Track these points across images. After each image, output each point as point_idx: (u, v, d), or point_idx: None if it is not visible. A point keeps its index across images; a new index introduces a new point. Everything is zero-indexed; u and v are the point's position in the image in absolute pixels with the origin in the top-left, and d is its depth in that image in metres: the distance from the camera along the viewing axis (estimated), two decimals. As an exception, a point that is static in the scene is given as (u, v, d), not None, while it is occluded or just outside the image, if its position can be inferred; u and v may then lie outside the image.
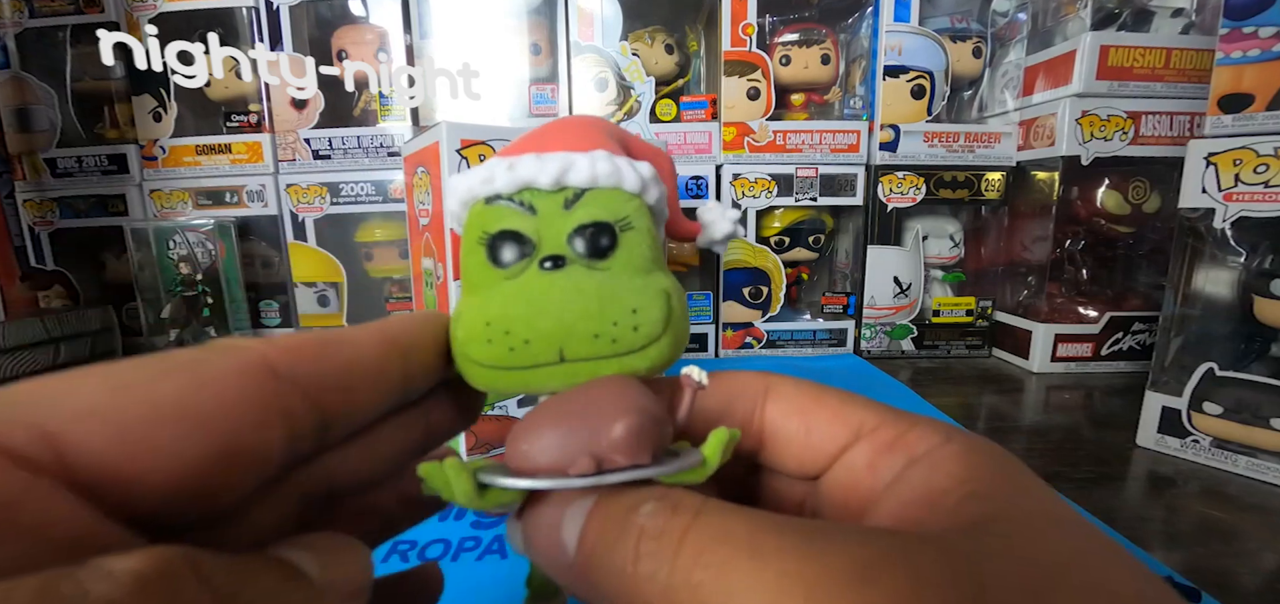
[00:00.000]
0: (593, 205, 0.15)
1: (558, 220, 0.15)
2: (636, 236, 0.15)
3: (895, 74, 0.66)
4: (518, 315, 0.14)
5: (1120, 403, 0.54)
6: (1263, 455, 0.39)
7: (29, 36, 0.68)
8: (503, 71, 0.69)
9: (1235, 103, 0.40)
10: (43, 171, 0.69)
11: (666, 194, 0.17)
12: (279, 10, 0.64)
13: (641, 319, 0.14)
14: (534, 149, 0.16)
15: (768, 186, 0.68)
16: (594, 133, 0.17)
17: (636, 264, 0.15)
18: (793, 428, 0.15)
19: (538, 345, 0.14)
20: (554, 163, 0.15)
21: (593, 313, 0.14)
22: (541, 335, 0.14)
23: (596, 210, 0.15)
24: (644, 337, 0.14)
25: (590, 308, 0.14)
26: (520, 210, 0.15)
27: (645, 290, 0.15)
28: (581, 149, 0.16)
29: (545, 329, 0.14)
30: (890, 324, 0.71)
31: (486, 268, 0.15)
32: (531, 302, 0.14)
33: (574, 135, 0.17)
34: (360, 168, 0.67)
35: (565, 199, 0.15)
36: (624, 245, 0.15)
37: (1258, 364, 0.41)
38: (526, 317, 0.14)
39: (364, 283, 0.71)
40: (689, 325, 0.17)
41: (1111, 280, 0.68)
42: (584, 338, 0.14)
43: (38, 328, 0.57)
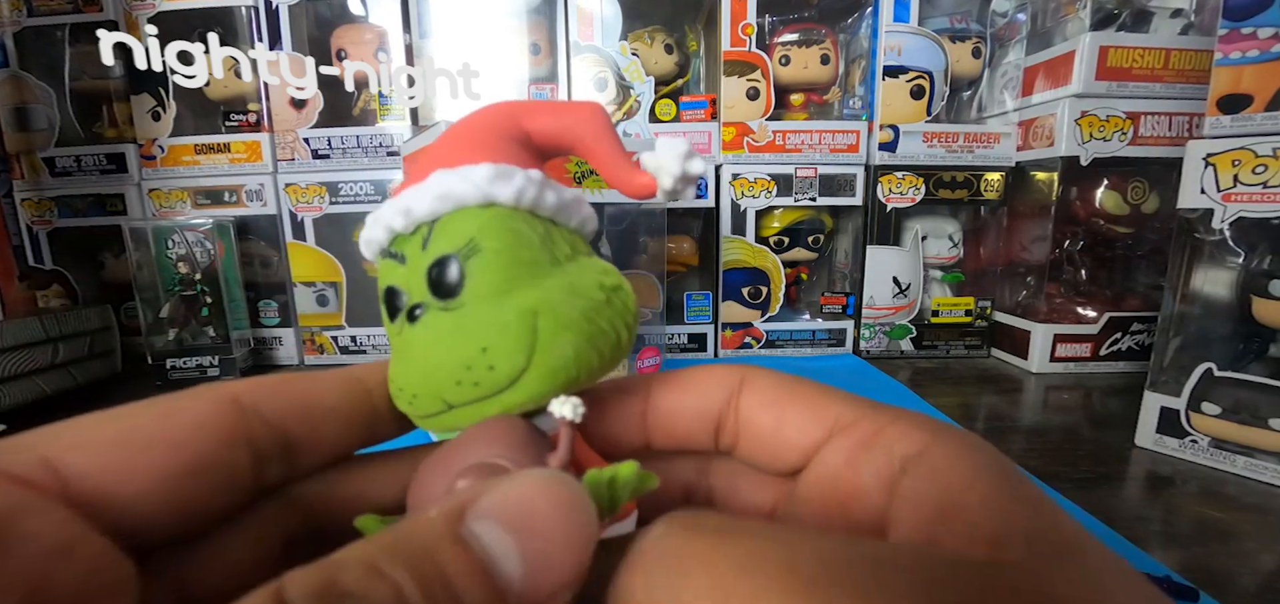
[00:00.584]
0: (441, 238, 0.14)
1: (419, 264, 0.14)
2: (487, 257, 0.14)
3: (895, 74, 0.66)
4: (399, 374, 0.15)
5: (1119, 403, 0.54)
6: (1261, 455, 0.39)
7: (28, 35, 0.68)
8: (502, 71, 0.69)
9: (1234, 103, 0.40)
10: (41, 171, 0.69)
11: (535, 181, 0.15)
12: (278, 10, 0.64)
13: (495, 357, 0.13)
14: (415, 173, 0.15)
15: (767, 186, 0.68)
16: (474, 135, 0.16)
17: (491, 289, 0.14)
18: (766, 422, 0.15)
19: (423, 400, 0.14)
20: (402, 201, 0.14)
21: (447, 360, 0.13)
22: (421, 390, 0.14)
23: (443, 243, 0.14)
24: (502, 376, 0.13)
25: (444, 355, 0.13)
26: (395, 262, 0.15)
27: (499, 322, 0.13)
28: (448, 165, 0.15)
29: (419, 384, 0.14)
30: (889, 324, 0.71)
31: (389, 327, 0.15)
32: (404, 358, 0.14)
33: (450, 147, 0.16)
34: (359, 167, 0.67)
35: (422, 238, 0.14)
36: (472, 274, 0.14)
37: (1256, 364, 0.41)
38: (404, 374, 0.14)
39: (363, 283, 0.71)
40: (591, 329, 0.14)
41: (1110, 281, 0.68)
42: (449, 386, 0.13)
43: (36, 327, 0.57)
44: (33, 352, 0.56)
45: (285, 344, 0.71)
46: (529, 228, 0.15)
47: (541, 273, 0.14)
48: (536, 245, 0.14)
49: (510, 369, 0.13)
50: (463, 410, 0.14)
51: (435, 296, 0.14)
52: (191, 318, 0.64)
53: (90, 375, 0.63)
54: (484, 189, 0.14)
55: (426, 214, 0.14)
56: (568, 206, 0.16)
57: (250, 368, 0.68)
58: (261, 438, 0.13)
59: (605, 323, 0.14)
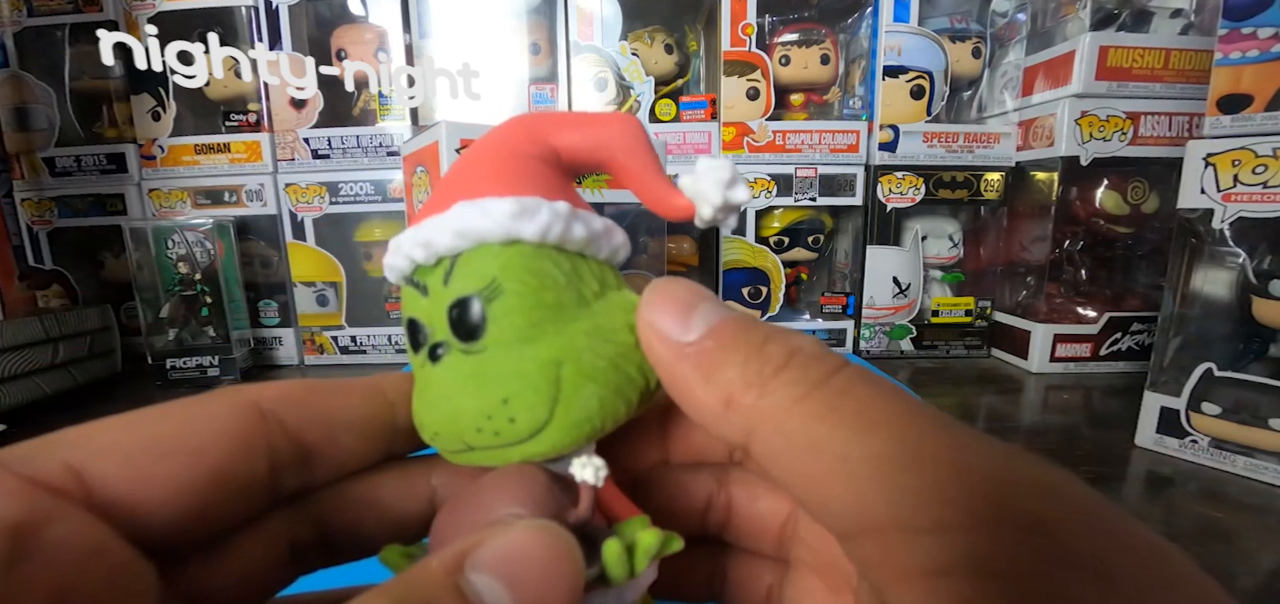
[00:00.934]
0: (463, 275, 0.13)
1: (440, 299, 0.14)
2: (509, 300, 0.13)
3: (895, 74, 0.66)
4: (421, 411, 0.14)
5: (1119, 403, 0.54)
6: (1261, 455, 0.39)
7: (28, 35, 0.68)
8: (502, 71, 0.69)
9: (1234, 103, 0.40)
10: (41, 171, 0.69)
11: (562, 215, 0.14)
12: (278, 10, 0.64)
13: (516, 409, 0.13)
14: (436, 203, 0.15)
15: (767, 186, 0.68)
16: (498, 160, 0.15)
17: (514, 335, 0.13)
18: (762, 508, 0.14)
19: (445, 438, 0.14)
20: (423, 232, 0.14)
21: (468, 408, 0.13)
22: (443, 430, 0.14)
23: (464, 282, 0.13)
24: (525, 428, 0.13)
25: (465, 403, 0.13)
26: (418, 293, 0.14)
27: (521, 372, 0.13)
28: (469, 194, 0.14)
29: (441, 425, 0.14)
30: (889, 324, 0.71)
31: (413, 356, 0.15)
32: (425, 397, 0.14)
33: (473, 173, 0.15)
34: (359, 167, 0.67)
35: (444, 272, 0.14)
36: (494, 317, 0.13)
37: (1256, 364, 0.41)
38: (426, 412, 0.14)
39: (363, 283, 0.71)
40: (618, 377, 0.13)
41: (1110, 281, 0.68)
42: (470, 431, 0.13)
43: (36, 327, 0.57)
44: (33, 351, 0.56)
45: (285, 344, 0.71)
46: (555, 266, 0.14)
47: (567, 316, 0.13)
48: (562, 285, 0.14)
49: (531, 423, 0.13)
50: (485, 452, 0.13)
51: (457, 337, 0.13)
52: (191, 318, 0.64)
53: (90, 375, 0.63)
54: (506, 226, 0.13)
55: (447, 249, 0.13)
56: (598, 238, 0.15)
57: (250, 368, 0.68)
58: (281, 448, 0.13)
59: (634, 368, 0.13)
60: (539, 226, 0.13)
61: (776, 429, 0.11)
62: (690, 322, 0.12)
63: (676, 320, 0.12)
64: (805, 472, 0.11)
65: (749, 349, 0.12)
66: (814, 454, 0.10)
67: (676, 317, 0.12)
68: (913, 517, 0.09)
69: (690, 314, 0.12)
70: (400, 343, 0.70)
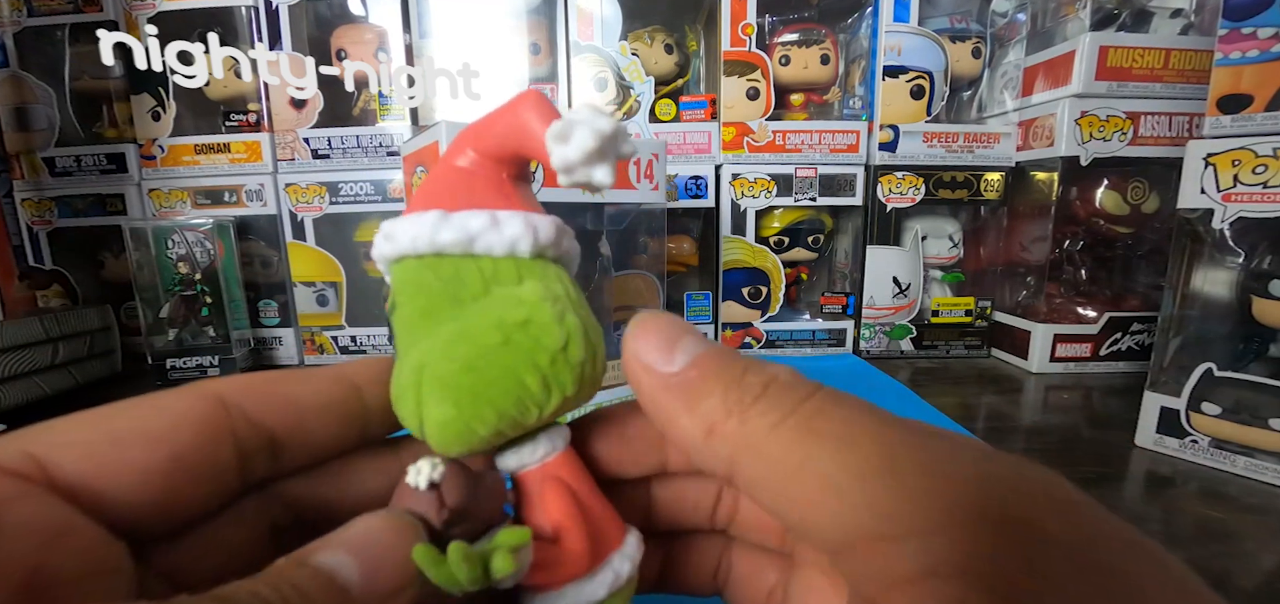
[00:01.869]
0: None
1: None
2: (400, 313, 0.14)
3: (895, 74, 0.66)
4: None
5: (1119, 403, 0.54)
6: (1261, 456, 0.39)
7: (27, 35, 0.68)
8: (502, 71, 0.69)
9: (1234, 103, 0.40)
10: (41, 171, 0.69)
11: (428, 221, 0.14)
12: (278, 10, 0.64)
13: (404, 412, 0.14)
14: None
15: (767, 186, 0.68)
16: (424, 184, 0.16)
17: (403, 344, 0.14)
18: None
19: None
20: (375, 250, 0.16)
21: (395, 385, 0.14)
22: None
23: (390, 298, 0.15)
24: (416, 429, 0.14)
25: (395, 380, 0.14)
26: None
27: (400, 381, 0.14)
28: (415, 209, 0.15)
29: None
30: (889, 324, 0.71)
31: None
32: None
33: (417, 200, 0.15)
34: (359, 167, 0.67)
35: None
36: (396, 329, 0.15)
37: (1256, 364, 0.41)
38: None
39: (363, 282, 0.71)
40: (479, 383, 0.13)
41: (1110, 281, 0.68)
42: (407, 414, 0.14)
43: (36, 327, 0.57)
44: (33, 352, 0.56)
45: (285, 344, 0.71)
46: (433, 274, 0.14)
47: (439, 319, 0.14)
48: (436, 292, 0.14)
49: (415, 425, 0.14)
50: None
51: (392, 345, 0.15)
52: (191, 318, 0.64)
53: (90, 375, 0.63)
54: (384, 249, 0.14)
55: (383, 271, 0.15)
56: (476, 237, 0.14)
57: (250, 368, 0.68)
58: (246, 436, 0.14)
59: (498, 370, 0.13)
60: (406, 241, 0.14)
61: (758, 454, 0.11)
62: (673, 354, 0.13)
63: (660, 352, 0.13)
64: (789, 494, 0.11)
65: (729, 380, 0.12)
66: (796, 476, 0.11)
67: (660, 349, 0.13)
68: (896, 524, 0.09)
69: (673, 347, 0.13)
70: (400, 343, 0.70)
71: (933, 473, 0.10)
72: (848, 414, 0.11)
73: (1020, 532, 0.09)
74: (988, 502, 0.09)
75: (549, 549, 0.14)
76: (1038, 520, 0.09)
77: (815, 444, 0.11)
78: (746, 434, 0.11)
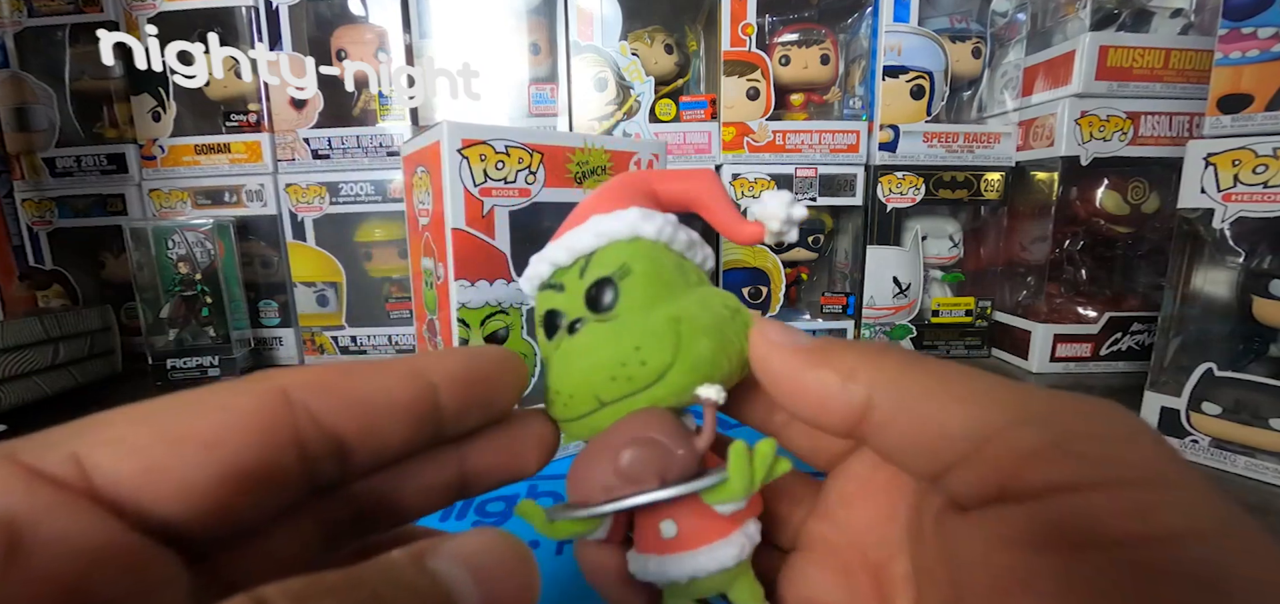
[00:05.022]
0: (597, 266, 0.17)
1: (577, 289, 0.17)
2: (637, 278, 0.17)
3: (895, 74, 0.66)
4: (558, 377, 0.17)
5: (1119, 403, 0.54)
6: (1261, 455, 0.39)
7: (28, 36, 0.68)
8: (502, 71, 0.69)
9: (1234, 103, 0.40)
10: (41, 171, 0.69)
11: (671, 222, 0.18)
12: (278, 10, 0.64)
13: (646, 354, 0.16)
14: (570, 224, 0.19)
15: (767, 187, 0.68)
16: (617, 193, 0.19)
17: (641, 303, 0.17)
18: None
19: (579, 398, 0.16)
20: (565, 240, 0.18)
21: (604, 360, 0.16)
22: (577, 390, 0.16)
23: (600, 269, 0.17)
24: (653, 370, 0.16)
25: (601, 357, 0.16)
26: (556, 291, 0.18)
27: (649, 326, 0.16)
28: (604, 211, 0.18)
29: (576, 384, 0.16)
30: (889, 324, 0.71)
31: (546, 345, 0.18)
32: (563, 364, 0.17)
33: (599, 202, 0.19)
34: (359, 167, 0.67)
35: (580, 268, 0.18)
36: (626, 291, 0.17)
37: (1256, 364, 0.41)
38: (562, 376, 0.17)
39: (363, 283, 0.71)
40: (722, 336, 0.17)
41: (1110, 281, 0.68)
42: (605, 382, 0.16)
43: (36, 327, 0.57)
44: (33, 352, 0.56)
45: (285, 344, 0.71)
46: (667, 258, 0.18)
47: (679, 292, 0.17)
48: (673, 271, 0.18)
49: (659, 365, 0.16)
50: (613, 407, 0.16)
51: (593, 312, 0.17)
52: (192, 318, 0.64)
53: (90, 375, 0.63)
54: (633, 226, 0.17)
55: (586, 248, 0.17)
56: (694, 245, 0.19)
57: (250, 368, 0.68)
58: (312, 441, 0.13)
59: (732, 334, 0.17)
60: (655, 227, 0.18)
61: (896, 384, 0.14)
62: (796, 335, 0.16)
63: (788, 334, 0.16)
64: (925, 410, 0.13)
65: (857, 342, 0.15)
66: (931, 395, 0.13)
67: (787, 332, 0.16)
68: (1021, 413, 0.12)
69: (794, 332, 0.16)
70: (401, 343, 0.70)
71: (1027, 389, 0.13)
72: (952, 363, 0.14)
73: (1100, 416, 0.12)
74: (1073, 404, 0.13)
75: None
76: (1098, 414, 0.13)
77: (940, 375, 0.14)
78: (884, 370, 0.14)
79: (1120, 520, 0.10)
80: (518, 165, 0.35)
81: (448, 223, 0.33)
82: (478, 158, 0.34)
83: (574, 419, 0.17)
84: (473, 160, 0.33)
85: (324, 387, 0.13)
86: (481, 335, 0.35)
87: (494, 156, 0.34)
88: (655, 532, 0.16)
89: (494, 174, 0.34)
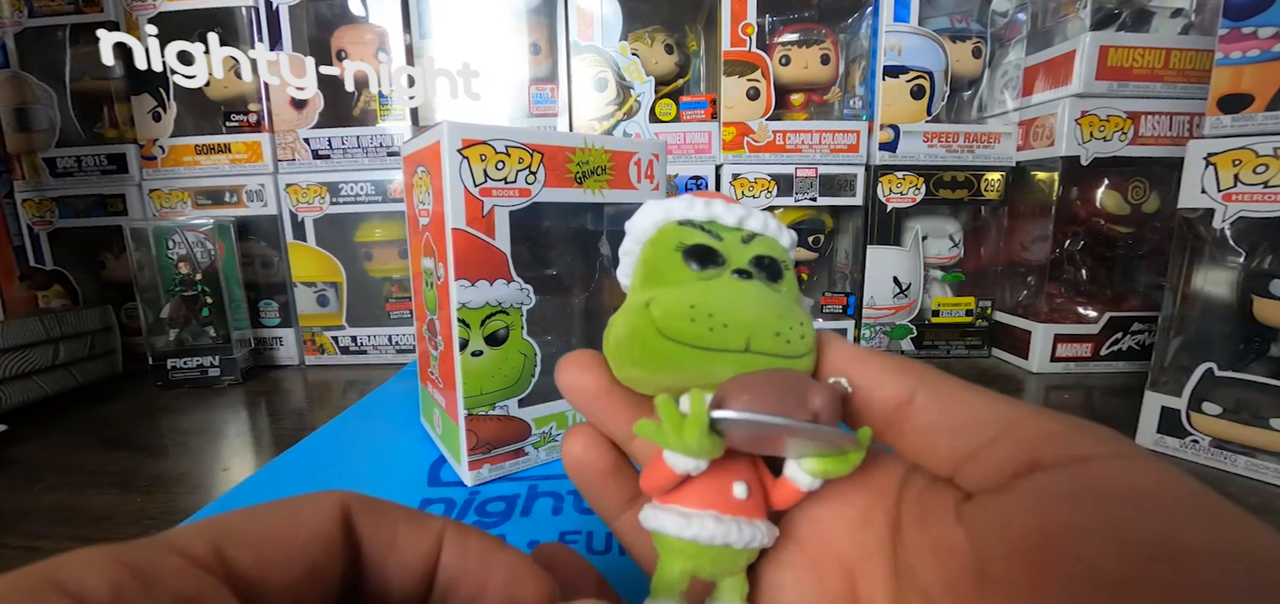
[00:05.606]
0: (763, 245, 0.19)
1: (739, 249, 0.18)
2: (791, 276, 0.19)
3: (895, 74, 0.66)
4: (721, 304, 0.17)
5: (1119, 403, 0.54)
6: (1262, 455, 0.39)
7: (28, 36, 0.68)
8: (502, 71, 0.69)
9: (1235, 103, 0.40)
10: (42, 171, 0.69)
11: (794, 248, 0.20)
12: (278, 10, 0.64)
13: (806, 331, 0.17)
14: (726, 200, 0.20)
15: (767, 186, 0.68)
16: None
17: (794, 294, 0.19)
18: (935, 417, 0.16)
19: (733, 331, 0.16)
20: (739, 209, 0.19)
21: (777, 316, 0.17)
22: (738, 323, 0.16)
23: (767, 249, 0.19)
24: (806, 345, 0.17)
25: (775, 313, 0.17)
26: (710, 235, 0.19)
27: (802, 314, 0.18)
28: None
29: (742, 319, 0.17)
30: (890, 324, 0.71)
31: (682, 268, 0.18)
32: (732, 296, 0.17)
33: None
34: (360, 168, 0.67)
35: (742, 236, 0.19)
36: (787, 278, 0.19)
37: (1257, 364, 0.41)
38: (729, 306, 0.17)
39: (364, 283, 0.71)
40: None
41: (1111, 280, 0.68)
42: (768, 334, 0.17)
43: (37, 327, 0.57)
44: (33, 352, 0.56)
45: (286, 344, 0.71)
46: None
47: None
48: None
49: (811, 342, 0.17)
50: (759, 358, 0.17)
51: (765, 275, 0.18)
52: (192, 318, 0.64)
53: (91, 375, 0.64)
54: (793, 241, 0.20)
55: (758, 228, 0.19)
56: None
57: (250, 368, 0.68)
58: (350, 559, 0.15)
59: None
60: (792, 249, 0.20)
61: (936, 377, 0.16)
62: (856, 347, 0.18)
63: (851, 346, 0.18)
64: (963, 398, 0.16)
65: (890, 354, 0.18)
66: (964, 389, 0.16)
67: (846, 343, 0.18)
68: (1039, 408, 0.15)
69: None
70: (401, 343, 0.70)
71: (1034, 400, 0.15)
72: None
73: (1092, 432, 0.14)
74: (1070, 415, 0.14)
75: None
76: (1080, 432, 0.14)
77: (965, 382, 0.16)
78: (928, 370, 0.16)
79: (1133, 478, 0.13)
80: (518, 165, 0.35)
81: (448, 223, 0.33)
82: (478, 158, 0.34)
83: (704, 349, 0.16)
84: (473, 160, 0.33)
85: (370, 510, 0.15)
86: (481, 335, 0.35)
87: (494, 156, 0.34)
88: (728, 490, 0.17)
89: (494, 174, 0.34)
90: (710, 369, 0.16)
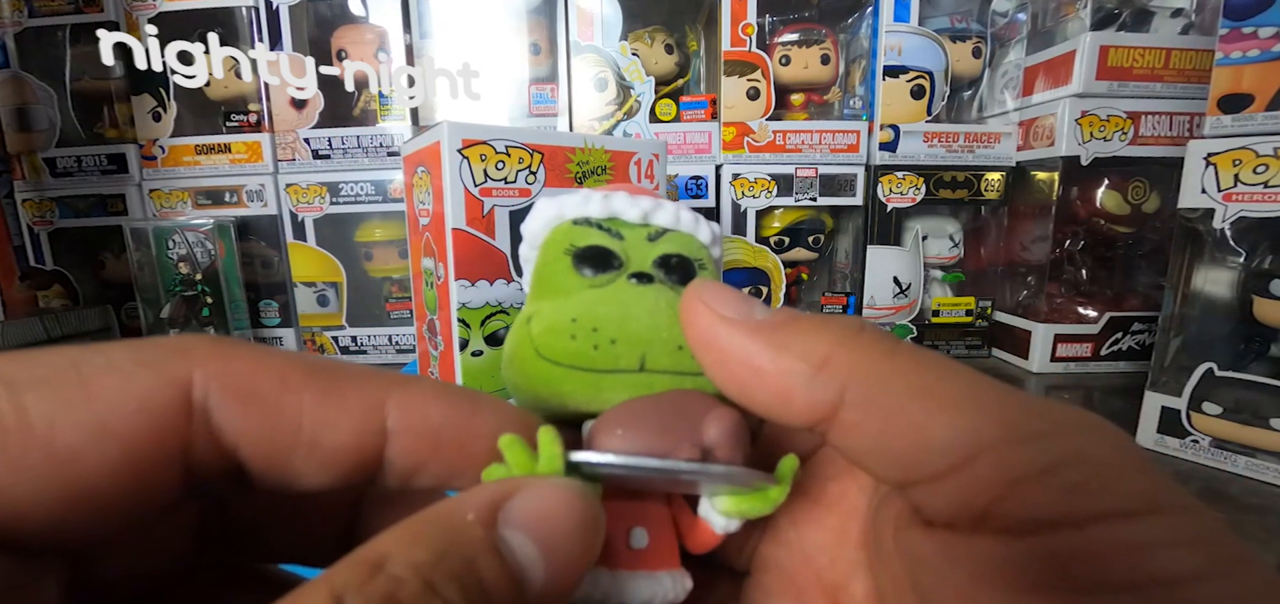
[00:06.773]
0: (674, 243, 0.17)
1: (643, 248, 0.16)
2: (711, 275, 0.17)
3: (895, 74, 0.66)
4: (608, 316, 0.14)
5: (1120, 403, 0.54)
6: (1262, 455, 0.39)
7: (28, 36, 0.68)
8: (502, 71, 0.69)
9: (1235, 103, 0.40)
10: (42, 171, 0.69)
11: (722, 257, 0.18)
12: (279, 10, 0.64)
13: None
14: (631, 192, 0.18)
15: (767, 186, 0.68)
16: None
17: None
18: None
19: (623, 348, 0.14)
20: (644, 201, 0.17)
21: (673, 333, 0.14)
22: (629, 338, 0.14)
23: (678, 247, 0.17)
24: None
25: (672, 327, 0.14)
26: (608, 234, 0.16)
27: None
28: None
29: (634, 332, 0.14)
30: (890, 324, 0.71)
31: (571, 275, 0.16)
32: (623, 306, 0.15)
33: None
34: (360, 168, 0.67)
35: (649, 233, 0.17)
36: (703, 279, 0.16)
37: (1257, 364, 0.41)
38: (618, 318, 0.14)
39: (364, 283, 0.71)
40: None
41: (1111, 280, 0.68)
42: (668, 349, 0.14)
43: (37, 327, 0.57)
44: (33, 352, 0.56)
45: (286, 344, 0.71)
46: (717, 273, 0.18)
47: None
48: None
49: None
50: (657, 376, 0.14)
51: (671, 280, 0.16)
52: (192, 318, 0.64)
53: (91, 375, 0.63)
54: (713, 234, 0.18)
55: (668, 222, 0.17)
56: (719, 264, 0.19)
57: (251, 368, 0.68)
58: (204, 461, 0.10)
59: None
60: (718, 254, 0.18)
61: (875, 378, 0.11)
62: (752, 308, 0.13)
63: (739, 306, 0.13)
64: (907, 413, 0.11)
65: (827, 321, 0.12)
66: (919, 395, 0.11)
67: (737, 303, 0.13)
68: (1022, 429, 0.11)
69: (749, 303, 0.13)
70: (401, 343, 0.70)
71: (1024, 399, 0.11)
72: (942, 356, 0.12)
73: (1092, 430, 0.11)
74: (1074, 416, 0.11)
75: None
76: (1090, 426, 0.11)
77: (930, 370, 0.11)
78: (864, 361, 0.11)
79: (1120, 558, 0.10)
80: (518, 165, 0.35)
81: (448, 223, 0.33)
82: (478, 158, 0.34)
83: (589, 370, 0.14)
84: (473, 160, 0.33)
85: (245, 396, 0.10)
86: (481, 335, 0.35)
87: (494, 156, 0.34)
88: (623, 539, 0.14)
89: (494, 174, 0.34)
90: (598, 393, 0.14)
